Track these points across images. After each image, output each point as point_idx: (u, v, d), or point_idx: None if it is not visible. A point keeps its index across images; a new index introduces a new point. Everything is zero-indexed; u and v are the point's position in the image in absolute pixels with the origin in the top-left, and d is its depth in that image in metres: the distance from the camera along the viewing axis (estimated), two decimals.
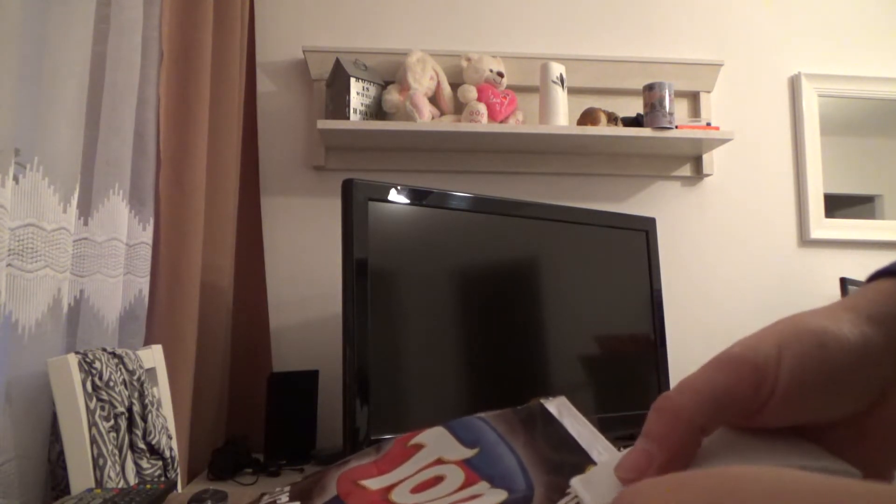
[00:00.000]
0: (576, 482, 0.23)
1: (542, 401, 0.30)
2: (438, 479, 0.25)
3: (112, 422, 0.81)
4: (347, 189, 1.04)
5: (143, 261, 1.07)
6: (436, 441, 0.28)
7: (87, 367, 0.79)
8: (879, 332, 0.23)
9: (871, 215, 1.81)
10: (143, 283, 1.07)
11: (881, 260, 1.77)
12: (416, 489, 0.25)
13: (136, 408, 0.86)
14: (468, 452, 0.26)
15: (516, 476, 0.24)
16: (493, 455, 0.26)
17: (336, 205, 1.58)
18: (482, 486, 0.24)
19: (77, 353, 0.80)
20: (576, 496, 0.23)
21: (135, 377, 0.88)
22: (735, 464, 0.20)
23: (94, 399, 0.78)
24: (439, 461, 0.26)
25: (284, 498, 0.29)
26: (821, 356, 0.22)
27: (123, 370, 0.86)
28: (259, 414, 1.30)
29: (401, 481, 0.26)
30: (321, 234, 1.57)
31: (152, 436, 0.88)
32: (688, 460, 0.21)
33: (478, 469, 0.25)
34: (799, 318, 0.23)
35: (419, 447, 0.28)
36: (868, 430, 0.23)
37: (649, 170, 1.71)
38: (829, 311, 0.24)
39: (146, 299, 1.07)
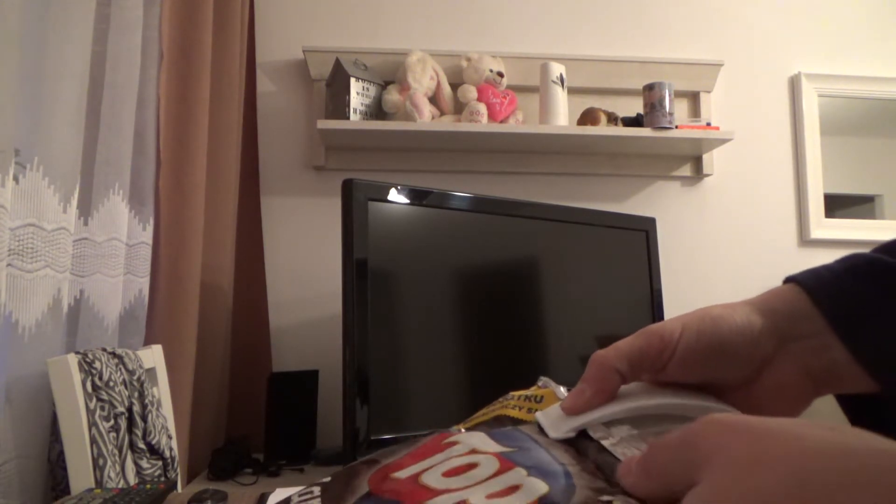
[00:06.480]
0: (539, 415, 0.30)
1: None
2: (472, 466, 0.25)
3: (112, 422, 0.81)
4: (347, 189, 1.04)
5: (143, 261, 1.07)
6: (471, 438, 0.28)
7: (87, 367, 0.79)
8: (764, 321, 0.32)
9: (871, 215, 1.81)
10: (143, 283, 1.07)
11: None
12: (448, 473, 0.25)
13: (136, 408, 0.86)
14: (504, 448, 0.26)
15: (556, 470, 0.24)
16: (531, 453, 0.26)
17: (336, 205, 1.57)
18: (518, 472, 0.24)
19: (77, 353, 0.80)
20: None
21: (135, 377, 0.88)
22: (643, 398, 0.29)
23: (94, 399, 0.78)
24: (473, 451, 0.26)
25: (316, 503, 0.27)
26: (713, 332, 0.31)
27: (123, 370, 0.86)
28: (259, 414, 1.30)
29: (432, 467, 0.26)
30: (321, 234, 1.57)
31: (152, 436, 0.88)
32: (609, 395, 0.29)
33: (513, 459, 0.25)
34: (706, 308, 0.32)
35: (454, 444, 0.28)
36: (754, 394, 0.32)
37: (649, 170, 1.71)
38: (731, 304, 0.33)
39: (146, 299, 1.07)
